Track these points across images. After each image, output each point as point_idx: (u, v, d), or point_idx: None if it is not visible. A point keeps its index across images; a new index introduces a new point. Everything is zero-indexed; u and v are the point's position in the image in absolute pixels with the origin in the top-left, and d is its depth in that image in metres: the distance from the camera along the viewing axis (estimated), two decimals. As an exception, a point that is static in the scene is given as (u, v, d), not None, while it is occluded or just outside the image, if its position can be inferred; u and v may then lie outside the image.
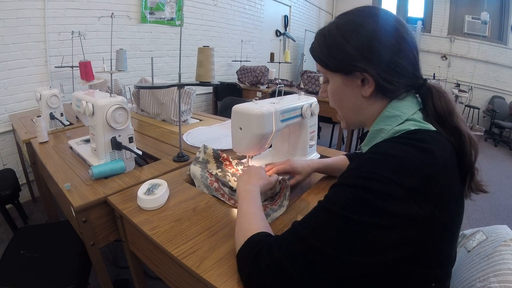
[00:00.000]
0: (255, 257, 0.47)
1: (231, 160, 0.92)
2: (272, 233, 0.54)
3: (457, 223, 0.46)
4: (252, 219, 0.57)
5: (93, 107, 0.90)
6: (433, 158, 0.42)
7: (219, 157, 0.91)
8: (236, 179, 0.86)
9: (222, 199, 0.78)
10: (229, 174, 0.88)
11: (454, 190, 0.44)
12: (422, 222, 0.40)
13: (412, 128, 0.47)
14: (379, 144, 0.48)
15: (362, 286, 0.45)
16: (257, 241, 0.50)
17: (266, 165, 0.87)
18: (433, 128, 0.47)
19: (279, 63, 3.39)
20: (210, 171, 0.87)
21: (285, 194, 0.75)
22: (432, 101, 0.50)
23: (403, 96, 0.51)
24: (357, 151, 0.92)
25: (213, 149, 0.92)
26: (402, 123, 0.49)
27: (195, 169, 0.87)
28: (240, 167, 0.92)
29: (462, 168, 0.47)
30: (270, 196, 0.77)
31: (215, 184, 0.81)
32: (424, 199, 0.39)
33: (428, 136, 0.45)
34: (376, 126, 0.52)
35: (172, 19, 2.81)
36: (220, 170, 0.89)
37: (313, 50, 0.55)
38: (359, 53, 0.48)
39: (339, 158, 0.90)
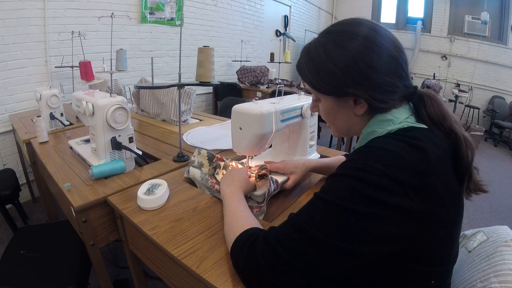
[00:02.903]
0: (250, 248, 0.47)
1: (225, 160, 0.91)
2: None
3: (456, 221, 0.46)
4: (241, 217, 0.57)
5: (93, 107, 0.90)
6: (425, 155, 0.42)
7: (213, 158, 0.90)
8: (225, 171, 0.86)
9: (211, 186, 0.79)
10: (220, 164, 0.88)
11: (450, 187, 0.45)
12: (417, 217, 0.40)
13: (406, 126, 0.47)
14: (373, 139, 0.49)
15: (362, 282, 0.46)
16: (251, 234, 0.50)
17: (265, 161, 0.87)
18: (426, 126, 0.48)
19: (279, 63, 3.39)
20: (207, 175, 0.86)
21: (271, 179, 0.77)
22: (425, 108, 0.50)
23: (397, 106, 0.51)
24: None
25: (207, 151, 0.91)
26: (395, 126, 0.49)
27: (195, 171, 0.86)
28: (233, 163, 0.91)
29: (459, 169, 0.47)
30: (266, 197, 0.77)
31: (217, 186, 0.81)
32: (417, 195, 0.40)
33: (421, 133, 0.46)
34: (368, 129, 0.52)
35: (172, 19, 2.81)
36: (216, 172, 0.89)
37: (300, 71, 0.54)
38: (350, 77, 0.47)
39: (337, 158, 0.90)
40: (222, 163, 0.88)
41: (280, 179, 0.82)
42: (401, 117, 0.49)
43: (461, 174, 0.47)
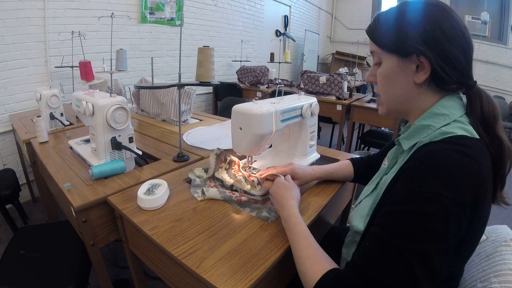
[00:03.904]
0: None
1: (227, 157, 0.89)
2: (328, 258, 0.52)
3: (482, 234, 0.47)
4: (313, 259, 0.52)
5: (93, 107, 0.90)
6: (480, 168, 0.41)
7: (221, 154, 0.87)
8: (228, 166, 0.85)
9: (236, 200, 0.76)
10: (242, 179, 0.82)
11: (489, 201, 0.44)
12: (466, 237, 0.40)
13: (459, 132, 0.46)
14: (426, 147, 0.47)
15: None
16: None
17: (268, 167, 0.86)
18: (477, 136, 0.47)
19: (279, 63, 3.38)
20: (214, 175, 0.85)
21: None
22: (481, 104, 0.49)
23: (451, 94, 0.51)
24: (362, 156, 0.91)
25: (215, 152, 0.87)
26: (449, 124, 0.48)
27: (213, 193, 0.78)
28: (235, 159, 0.88)
29: (496, 177, 0.46)
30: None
31: (220, 188, 0.79)
32: (471, 212, 0.40)
33: (474, 144, 0.45)
34: (423, 121, 0.51)
35: (172, 19, 2.81)
36: (220, 166, 0.87)
37: (370, 30, 0.55)
38: (420, 36, 0.48)
39: (343, 164, 0.88)
40: (228, 158, 0.87)
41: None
42: (456, 114, 0.49)
43: (495, 183, 0.47)
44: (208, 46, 0.90)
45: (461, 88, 0.51)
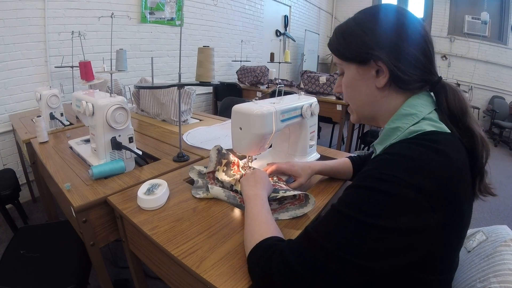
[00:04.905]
0: (267, 260, 0.46)
1: (226, 158, 0.88)
2: (284, 238, 0.53)
3: (466, 228, 0.46)
4: (263, 223, 0.56)
5: (93, 107, 0.90)
6: (449, 161, 0.41)
7: (222, 154, 0.86)
8: (225, 168, 0.85)
9: (240, 201, 0.75)
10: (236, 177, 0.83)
11: (467, 194, 0.44)
12: (437, 228, 0.39)
13: (428, 129, 0.46)
14: (395, 145, 0.47)
15: None
16: (270, 245, 0.49)
17: (268, 164, 0.86)
18: (448, 130, 0.47)
19: (279, 63, 3.38)
20: (214, 173, 0.85)
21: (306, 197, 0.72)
22: (446, 98, 0.49)
23: (418, 93, 0.51)
24: (361, 155, 0.91)
25: (217, 151, 0.86)
26: (418, 122, 0.48)
27: (218, 191, 0.78)
28: (235, 160, 0.88)
29: (472, 169, 0.46)
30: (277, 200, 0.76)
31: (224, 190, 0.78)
32: (439, 204, 0.39)
33: (444, 138, 0.44)
34: (391, 124, 0.51)
35: (172, 19, 2.81)
36: (217, 169, 0.86)
37: (330, 44, 0.56)
38: (374, 42, 0.48)
39: (342, 161, 0.89)
40: (225, 161, 0.87)
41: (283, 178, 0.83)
42: (424, 111, 0.49)
43: (474, 175, 0.47)
44: (208, 46, 0.90)
45: (425, 85, 0.51)
